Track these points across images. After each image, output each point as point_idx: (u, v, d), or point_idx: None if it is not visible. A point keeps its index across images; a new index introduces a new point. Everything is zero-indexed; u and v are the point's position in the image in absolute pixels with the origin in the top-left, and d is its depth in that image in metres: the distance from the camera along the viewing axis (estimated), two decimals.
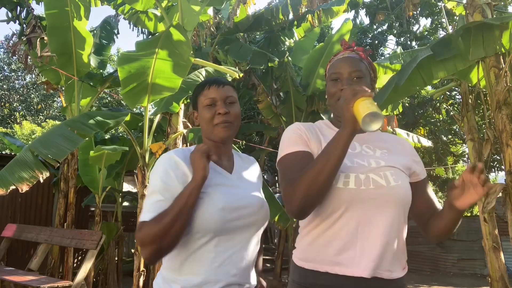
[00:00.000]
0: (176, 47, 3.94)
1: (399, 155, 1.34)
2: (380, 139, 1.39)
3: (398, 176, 1.25)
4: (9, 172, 3.80)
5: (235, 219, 1.25)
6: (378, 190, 1.22)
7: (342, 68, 1.33)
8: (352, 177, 1.22)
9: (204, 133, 1.38)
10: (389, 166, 1.27)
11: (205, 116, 1.34)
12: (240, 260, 1.27)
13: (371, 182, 1.22)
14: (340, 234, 1.23)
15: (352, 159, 1.28)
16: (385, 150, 1.34)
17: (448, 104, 11.13)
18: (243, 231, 1.29)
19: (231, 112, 1.34)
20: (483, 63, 4.00)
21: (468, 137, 4.63)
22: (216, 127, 1.33)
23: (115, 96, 10.50)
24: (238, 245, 1.27)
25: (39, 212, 7.55)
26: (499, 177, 15.34)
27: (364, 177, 1.23)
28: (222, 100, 1.34)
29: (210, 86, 1.36)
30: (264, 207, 1.34)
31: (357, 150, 1.32)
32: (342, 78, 1.33)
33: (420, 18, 11.79)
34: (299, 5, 6.54)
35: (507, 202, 3.78)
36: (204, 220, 1.21)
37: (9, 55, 17.30)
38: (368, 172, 1.24)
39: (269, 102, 7.14)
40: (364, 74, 1.33)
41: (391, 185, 1.23)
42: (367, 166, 1.26)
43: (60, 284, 4.41)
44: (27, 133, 13.76)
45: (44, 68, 5.58)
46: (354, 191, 1.21)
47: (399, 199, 1.24)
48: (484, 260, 9.03)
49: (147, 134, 4.64)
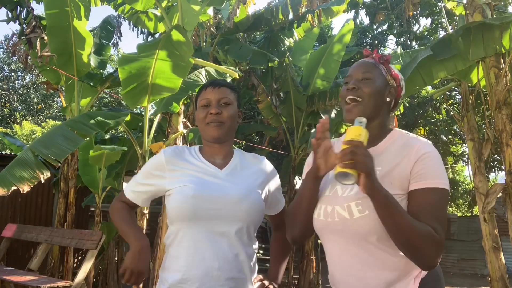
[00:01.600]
0: (176, 48, 3.95)
1: (394, 170, 1.19)
2: (384, 155, 1.23)
3: (366, 205, 1.14)
4: (10, 173, 3.80)
5: (209, 209, 1.31)
6: (342, 223, 1.20)
7: (352, 71, 1.33)
8: (322, 209, 1.25)
9: (201, 133, 1.46)
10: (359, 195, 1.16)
11: (199, 116, 1.43)
12: (224, 253, 1.31)
13: (335, 214, 1.21)
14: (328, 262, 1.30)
15: (335, 185, 1.26)
16: (379, 168, 1.18)
17: (448, 104, 11.12)
18: (222, 223, 1.32)
19: (223, 112, 1.40)
20: (483, 63, 4.00)
21: (468, 137, 4.62)
22: (207, 126, 1.40)
23: (115, 96, 10.50)
24: (218, 237, 1.32)
25: (39, 212, 7.55)
26: (499, 177, 15.34)
27: (331, 209, 1.23)
28: (216, 101, 1.41)
29: (207, 88, 1.44)
30: (245, 201, 1.34)
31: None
32: (351, 80, 1.31)
33: (420, 18, 11.79)
34: (299, 5, 6.54)
35: (507, 202, 3.78)
36: (177, 208, 1.33)
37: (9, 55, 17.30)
38: (335, 204, 1.22)
39: (269, 102, 7.13)
40: (374, 77, 1.28)
41: (354, 217, 1.17)
42: (338, 197, 1.23)
43: (60, 284, 4.41)
44: (27, 133, 13.76)
45: (44, 68, 5.58)
46: (323, 222, 1.25)
47: (365, 231, 1.16)
48: (484, 260, 9.03)
49: (147, 134, 4.64)
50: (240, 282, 1.34)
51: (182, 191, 1.34)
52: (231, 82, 7.33)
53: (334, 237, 1.23)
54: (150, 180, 1.42)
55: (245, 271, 1.36)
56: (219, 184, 1.36)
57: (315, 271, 7.13)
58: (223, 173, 1.40)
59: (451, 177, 14.63)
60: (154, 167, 1.42)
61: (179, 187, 1.35)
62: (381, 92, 1.28)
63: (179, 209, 1.33)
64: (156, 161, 1.43)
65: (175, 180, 1.37)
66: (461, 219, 11.08)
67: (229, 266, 1.31)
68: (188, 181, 1.35)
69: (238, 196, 1.35)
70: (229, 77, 5.12)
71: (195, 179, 1.36)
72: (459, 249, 10.34)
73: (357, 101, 1.26)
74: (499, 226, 4.38)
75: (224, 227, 1.33)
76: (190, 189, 1.33)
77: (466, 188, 15.62)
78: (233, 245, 1.33)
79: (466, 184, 15.66)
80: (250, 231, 1.39)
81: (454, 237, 10.51)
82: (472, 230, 10.27)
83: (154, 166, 1.43)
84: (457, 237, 10.49)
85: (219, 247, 1.31)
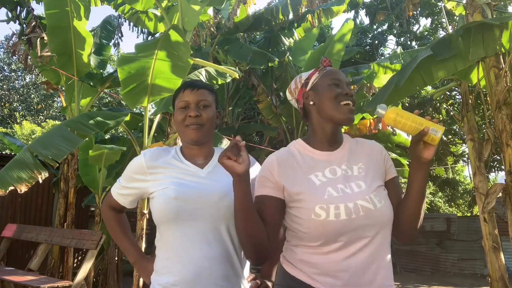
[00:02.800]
0: (174, 49, 3.94)
1: (374, 166, 1.35)
2: (355, 153, 1.36)
3: (380, 196, 1.27)
4: (8, 173, 3.79)
5: (192, 209, 1.31)
6: (368, 215, 1.23)
7: (342, 76, 1.39)
8: (342, 208, 1.22)
9: (179, 134, 1.47)
10: (370, 187, 1.28)
11: (177, 118, 1.42)
12: (213, 252, 1.31)
13: (360, 209, 1.23)
14: (336, 260, 1.23)
15: (337, 186, 1.27)
16: (361, 164, 1.34)
17: (448, 104, 11.12)
18: (207, 221, 1.32)
19: (202, 115, 1.40)
20: (483, 63, 4.00)
21: (468, 137, 4.62)
22: (186, 128, 1.40)
23: (115, 96, 10.50)
24: (205, 236, 1.31)
25: (39, 212, 7.54)
26: (499, 177, 15.34)
27: (353, 205, 1.23)
28: (195, 104, 1.40)
29: (185, 90, 1.43)
30: (227, 197, 1.33)
31: (338, 175, 1.31)
32: (340, 85, 1.39)
33: (420, 18, 11.79)
34: (299, 5, 6.54)
35: (507, 202, 3.77)
36: (160, 210, 1.33)
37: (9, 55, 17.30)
38: (355, 200, 1.24)
39: (269, 102, 7.14)
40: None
41: (377, 207, 1.24)
42: (351, 193, 1.26)
43: (60, 284, 4.41)
44: (27, 133, 13.76)
45: (44, 68, 5.58)
46: (346, 221, 1.22)
47: (387, 219, 1.26)
48: (484, 260, 9.02)
49: (147, 134, 4.64)
50: (233, 280, 1.33)
51: (164, 193, 1.34)
52: (230, 82, 7.34)
53: (355, 234, 1.22)
54: (133, 184, 1.43)
55: (237, 269, 1.35)
56: (200, 183, 1.36)
57: None
58: (204, 172, 1.40)
59: (451, 177, 14.61)
60: (135, 171, 1.42)
61: (161, 189, 1.35)
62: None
63: (163, 212, 1.33)
64: (136, 164, 1.42)
65: (157, 183, 1.37)
66: (461, 219, 11.07)
67: (220, 264, 1.31)
68: (170, 183, 1.35)
69: (219, 193, 1.34)
70: (229, 77, 5.12)
71: (176, 181, 1.36)
72: (459, 249, 10.34)
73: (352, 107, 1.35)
74: (499, 226, 4.38)
75: (210, 225, 1.33)
76: (172, 191, 1.33)
77: (466, 188, 15.61)
78: (222, 243, 1.33)
79: (466, 184, 15.65)
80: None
81: (454, 237, 10.51)
82: (472, 230, 10.26)
83: (134, 170, 1.42)
84: (457, 237, 10.48)
85: (208, 247, 1.31)
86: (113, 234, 1.54)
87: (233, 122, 9.26)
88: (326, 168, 1.31)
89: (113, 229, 1.53)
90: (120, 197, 1.47)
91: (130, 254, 1.51)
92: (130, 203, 1.48)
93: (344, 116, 1.30)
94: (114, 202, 1.49)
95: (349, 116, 1.30)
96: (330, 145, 1.34)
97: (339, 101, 1.31)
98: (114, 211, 1.52)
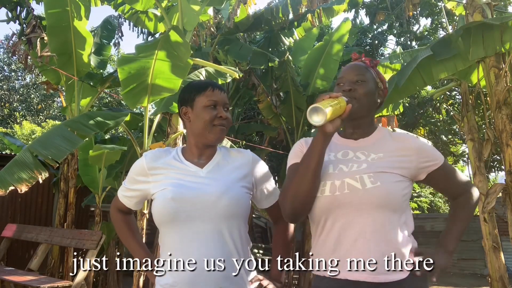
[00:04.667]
0: (174, 49, 3.95)
1: (397, 157, 1.33)
2: (380, 145, 1.36)
3: (377, 178, 1.25)
4: (8, 173, 3.80)
5: (190, 210, 1.31)
6: (353, 194, 1.24)
7: (345, 73, 1.39)
8: (328, 185, 1.27)
9: (197, 132, 1.41)
10: (371, 169, 1.27)
11: (204, 117, 1.38)
12: (212, 253, 1.30)
13: (345, 186, 1.25)
14: (328, 240, 1.28)
15: (338, 165, 1.31)
16: (381, 154, 1.33)
17: (448, 104, 11.12)
18: (205, 222, 1.32)
19: (228, 118, 1.41)
20: (483, 63, 4.00)
21: (468, 137, 4.62)
22: (214, 127, 1.39)
23: (115, 96, 10.50)
24: (204, 237, 1.31)
25: (39, 212, 7.54)
26: (499, 177, 15.34)
27: (339, 183, 1.26)
28: (222, 105, 1.41)
29: (213, 89, 1.41)
30: (225, 197, 1.33)
31: (348, 157, 1.34)
32: (344, 81, 1.38)
33: (420, 18, 11.78)
34: (299, 5, 6.53)
35: (507, 202, 3.78)
36: (159, 211, 1.34)
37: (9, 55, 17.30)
38: (344, 177, 1.27)
39: (269, 102, 7.13)
40: (367, 79, 1.37)
41: (367, 187, 1.24)
42: (345, 172, 1.28)
43: (60, 284, 4.41)
44: (27, 133, 13.75)
45: (44, 68, 5.58)
46: (329, 198, 1.26)
47: (378, 200, 1.24)
48: (484, 260, 9.03)
49: (147, 134, 4.64)
50: (234, 282, 1.32)
51: (163, 194, 1.34)
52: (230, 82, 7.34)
53: (341, 211, 1.25)
54: (136, 186, 1.44)
55: (239, 270, 1.35)
56: (198, 183, 1.36)
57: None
58: (204, 172, 1.39)
59: None
60: (137, 172, 1.43)
61: (160, 191, 1.36)
62: (373, 93, 1.38)
63: (161, 213, 1.34)
64: (138, 166, 1.43)
65: (158, 184, 1.38)
66: None
67: (220, 265, 1.30)
68: (168, 184, 1.35)
69: (216, 193, 1.34)
70: (229, 77, 5.12)
71: (175, 182, 1.36)
72: (459, 249, 10.32)
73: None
74: (499, 226, 4.38)
75: (209, 226, 1.32)
76: (169, 192, 1.33)
77: None
78: (222, 243, 1.32)
79: None
80: (240, 227, 1.38)
81: None
82: (472, 230, 10.24)
83: (137, 171, 1.43)
84: None
85: (207, 247, 1.30)
86: (121, 235, 1.55)
87: (233, 122, 9.26)
88: (340, 151, 1.36)
89: (121, 230, 1.54)
90: (126, 199, 1.49)
91: (138, 255, 1.52)
92: (135, 204, 1.50)
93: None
94: (120, 204, 1.51)
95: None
96: (352, 134, 1.40)
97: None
98: (122, 213, 1.54)
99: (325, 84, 7.21)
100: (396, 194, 1.26)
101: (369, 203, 1.23)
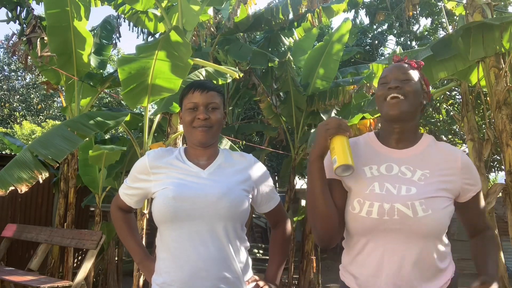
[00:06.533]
0: (175, 49, 3.95)
1: (444, 176, 1.28)
2: (426, 158, 1.31)
3: (429, 205, 1.21)
4: (8, 173, 3.79)
5: (190, 209, 1.31)
6: (404, 221, 1.20)
7: (390, 72, 1.34)
8: (375, 206, 1.22)
9: (185, 134, 1.45)
10: (420, 195, 1.22)
11: (185, 119, 1.41)
12: (209, 253, 1.31)
13: (395, 212, 1.20)
14: (368, 261, 1.25)
15: (384, 183, 1.26)
16: (427, 171, 1.27)
17: (448, 104, 11.12)
18: (204, 222, 1.32)
19: (211, 117, 1.40)
20: (483, 63, 4.00)
21: (468, 137, 4.62)
22: (194, 130, 1.40)
23: (115, 96, 10.50)
24: (202, 237, 1.31)
25: (39, 212, 7.54)
26: (499, 177, 15.33)
27: (389, 207, 1.21)
28: (204, 106, 1.40)
29: (194, 91, 1.42)
30: (225, 198, 1.34)
31: (393, 172, 1.28)
32: (388, 81, 1.33)
33: (420, 18, 11.77)
34: (299, 5, 6.53)
35: (507, 202, 3.78)
36: (159, 210, 1.34)
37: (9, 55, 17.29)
38: (394, 202, 1.21)
39: (269, 102, 7.13)
40: (413, 78, 1.32)
41: (418, 216, 1.19)
42: (395, 195, 1.23)
43: (60, 284, 4.42)
44: (27, 133, 13.75)
45: (44, 68, 5.57)
46: (376, 221, 1.21)
47: (428, 229, 1.21)
48: None
49: (147, 134, 4.64)
50: (231, 282, 1.33)
51: (163, 193, 1.35)
52: (230, 82, 7.34)
53: (387, 236, 1.22)
54: (137, 184, 1.45)
55: (236, 271, 1.35)
56: (199, 184, 1.36)
57: (315, 271, 7.13)
58: (206, 173, 1.40)
59: None
60: (139, 171, 1.44)
61: (161, 189, 1.36)
62: (419, 93, 1.32)
63: (161, 212, 1.34)
64: (140, 165, 1.44)
65: (159, 183, 1.39)
66: None
67: (217, 266, 1.31)
68: (169, 184, 1.36)
69: (217, 194, 1.34)
70: (229, 77, 5.12)
71: (176, 181, 1.37)
72: (459, 249, 10.28)
73: (400, 99, 1.29)
74: (499, 226, 4.39)
75: (207, 226, 1.33)
76: (170, 191, 1.34)
77: None
78: (219, 244, 1.33)
79: None
80: (236, 228, 1.38)
81: (454, 237, 10.49)
82: None
83: (139, 170, 1.44)
84: (457, 237, 10.46)
85: (204, 247, 1.31)
86: (120, 233, 1.56)
87: (233, 122, 9.26)
88: (383, 164, 1.30)
89: (120, 229, 1.55)
90: (126, 197, 1.49)
91: (135, 254, 1.52)
92: (136, 203, 1.51)
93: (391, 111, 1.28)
94: (121, 203, 1.52)
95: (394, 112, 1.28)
96: (396, 142, 1.33)
97: (384, 97, 1.31)
98: (122, 211, 1.55)
99: (325, 84, 7.21)
100: (445, 222, 1.24)
101: (419, 231, 1.20)
